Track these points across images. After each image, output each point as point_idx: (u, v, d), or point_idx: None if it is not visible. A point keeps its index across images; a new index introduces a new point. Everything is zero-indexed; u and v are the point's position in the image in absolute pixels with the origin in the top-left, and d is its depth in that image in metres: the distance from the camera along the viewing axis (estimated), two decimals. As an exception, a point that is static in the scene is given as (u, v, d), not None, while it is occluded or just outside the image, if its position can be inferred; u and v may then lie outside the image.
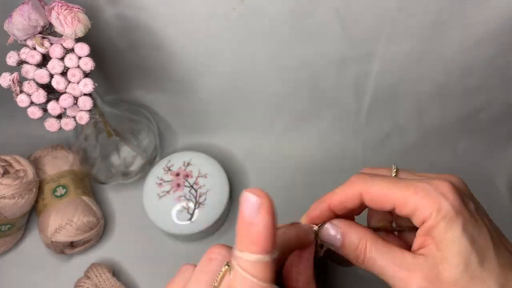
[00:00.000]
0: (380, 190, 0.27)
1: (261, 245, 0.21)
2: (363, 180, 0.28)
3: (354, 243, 0.28)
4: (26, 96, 0.39)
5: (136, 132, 0.57)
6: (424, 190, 0.25)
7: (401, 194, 0.26)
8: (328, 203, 0.29)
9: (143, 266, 0.55)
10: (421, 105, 0.57)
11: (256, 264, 0.21)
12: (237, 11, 0.43)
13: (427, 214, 0.25)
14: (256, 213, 0.21)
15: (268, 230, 0.21)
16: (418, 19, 0.44)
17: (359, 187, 0.28)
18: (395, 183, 0.27)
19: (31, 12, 0.37)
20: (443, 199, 0.25)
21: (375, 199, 0.27)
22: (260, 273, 0.20)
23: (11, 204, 0.49)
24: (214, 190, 0.54)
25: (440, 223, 0.24)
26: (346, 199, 0.28)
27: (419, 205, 0.25)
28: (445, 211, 0.24)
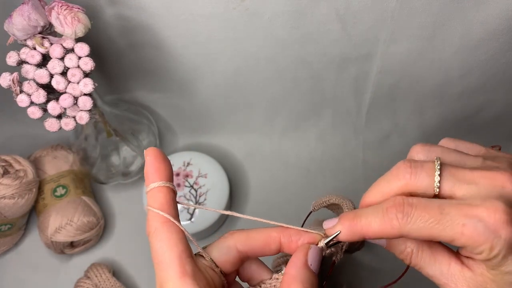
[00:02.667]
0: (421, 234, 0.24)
1: (149, 177, 0.26)
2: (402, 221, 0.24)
3: (399, 248, 0.27)
4: (26, 96, 0.39)
5: (136, 132, 0.57)
6: (472, 230, 0.23)
7: (446, 234, 0.23)
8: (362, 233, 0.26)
9: (143, 266, 0.55)
10: (421, 105, 0.57)
11: (150, 192, 0.26)
12: (237, 11, 0.43)
13: (478, 251, 0.23)
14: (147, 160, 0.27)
15: (149, 166, 0.27)
16: (418, 19, 0.44)
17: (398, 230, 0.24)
18: (438, 222, 0.23)
19: (31, 12, 0.37)
20: (496, 238, 0.22)
21: (418, 238, 0.25)
22: (152, 202, 0.26)
23: (11, 204, 0.49)
24: (214, 190, 0.54)
25: (493, 260, 0.23)
26: (385, 236, 0.25)
27: (468, 245, 0.23)
28: (497, 251, 0.23)
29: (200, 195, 0.53)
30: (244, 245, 0.27)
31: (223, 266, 0.27)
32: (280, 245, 0.28)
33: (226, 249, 0.27)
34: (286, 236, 0.28)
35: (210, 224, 0.52)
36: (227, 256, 0.27)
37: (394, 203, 0.25)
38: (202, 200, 0.53)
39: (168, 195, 0.26)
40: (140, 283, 0.54)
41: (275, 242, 0.28)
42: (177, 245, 0.25)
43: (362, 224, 0.26)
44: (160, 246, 0.25)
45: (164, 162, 0.27)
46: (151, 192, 0.26)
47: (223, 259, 0.27)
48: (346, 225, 0.26)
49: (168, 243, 0.25)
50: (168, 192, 0.26)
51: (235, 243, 0.27)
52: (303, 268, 0.26)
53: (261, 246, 0.28)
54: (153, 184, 0.26)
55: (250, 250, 0.28)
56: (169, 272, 0.24)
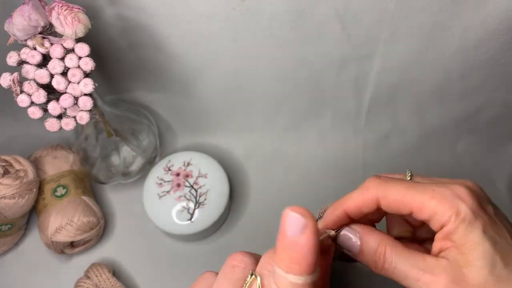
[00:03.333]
0: (396, 194, 0.26)
1: (304, 266, 0.21)
2: (379, 184, 0.27)
3: (372, 247, 0.27)
4: (27, 96, 0.39)
5: (136, 132, 0.57)
6: (441, 194, 0.25)
7: (418, 198, 0.25)
8: (344, 208, 0.28)
9: (143, 266, 0.55)
10: (421, 105, 0.57)
11: (294, 285, 0.21)
12: (237, 11, 0.43)
13: (445, 218, 0.25)
14: (301, 233, 0.21)
15: (312, 252, 0.21)
16: (418, 19, 0.44)
17: (375, 191, 0.27)
18: (412, 187, 0.26)
19: (32, 12, 0.37)
20: (461, 203, 0.25)
21: (392, 204, 0.27)
22: None
23: (12, 204, 0.49)
24: (214, 190, 0.54)
25: (460, 226, 0.24)
26: (363, 203, 0.28)
27: (437, 209, 0.25)
28: (463, 214, 0.24)
29: (200, 195, 0.53)
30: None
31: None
32: None
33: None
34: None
35: (210, 224, 0.52)
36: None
37: (371, 176, 0.28)
38: (202, 200, 0.53)
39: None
40: (140, 283, 0.54)
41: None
42: None
43: (341, 202, 0.29)
44: None
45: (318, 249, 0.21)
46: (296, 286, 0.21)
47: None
48: (329, 210, 0.29)
49: None
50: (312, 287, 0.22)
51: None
52: None
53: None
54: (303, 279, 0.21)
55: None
56: None
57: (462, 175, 0.62)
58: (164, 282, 0.54)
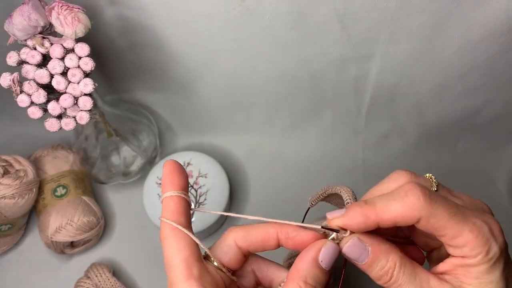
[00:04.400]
0: (440, 219, 0.24)
1: (168, 183, 0.28)
2: (426, 205, 0.24)
3: (382, 264, 0.25)
4: (26, 96, 0.39)
5: (136, 132, 0.57)
6: (479, 230, 0.24)
7: (458, 227, 0.24)
8: (378, 219, 0.25)
9: (143, 266, 0.55)
10: (421, 105, 0.57)
11: (166, 199, 0.28)
12: (237, 11, 0.43)
13: (474, 253, 0.24)
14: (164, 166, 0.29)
15: (170, 173, 0.28)
16: (418, 19, 0.44)
17: (421, 211, 0.24)
18: (455, 215, 0.24)
19: (31, 12, 0.37)
20: (494, 243, 0.24)
21: (430, 226, 0.25)
22: (164, 211, 0.28)
23: (12, 204, 0.49)
24: (214, 190, 0.54)
25: (484, 265, 0.24)
26: (402, 220, 0.25)
27: (471, 244, 0.24)
28: (492, 255, 0.24)
29: (200, 195, 0.53)
30: (243, 241, 0.28)
31: (229, 265, 0.28)
32: (278, 240, 0.28)
33: (227, 247, 0.28)
34: (284, 233, 0.28)
35: (210, 224, 0.52)
36: (230, 254, 0.28)
37: (414, 186, 0.25)
38: (202, 200, 0.53)
39: (179, 203, 0.28)
40: (140, 283, 0.54)
41: (273, 238, 0.28)
42: (184, 249, 0.26)
43: (377, 209, 0.25)
44: (169, 251, 0.27)
45: (179, 174, 0.29)
46: (164, 201, 0.28)
47: (226, 257, 0.28)
48: (358, 212, 0.25)
49: (176, 248, 0.27)
50: (180, 201, 0.28)
51: (235, 240, 0.28)
52: (310, 263, 0.26)
53: (260, 241, 0.28)
54: (166, 194, 0.28)
55: (249, 245, 0.28)
56: (176, 274, 0.26)
57: (462, 175, 0.63)
58: (164, 282, 0.53)
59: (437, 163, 0.62)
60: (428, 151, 0.62)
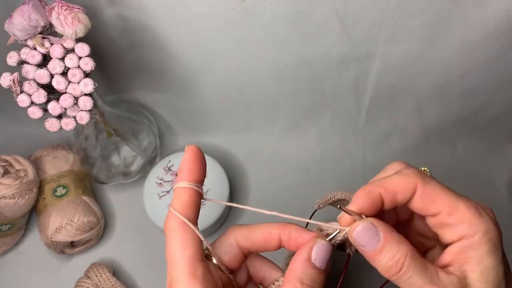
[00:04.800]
0: (435, 189, 0.25)
1: (186, 173, 0.27)
2: (420, 174, 0.26)
3: (393, 252, 0.24)
4: (27, 96, 0.39)
5: (137, 132, 0.57)
6: (476, 208, 0.24)
7: (454, 202, 0.25)
8: (382, 191, 0.25)
9: (143, 266, 0.55)
10: (421, 105, 0.57)
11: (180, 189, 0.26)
12: (237, 11, 0.43)
13: (472, 231, 0.24)
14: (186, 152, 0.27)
15: (191, 163, 0.27)
16: (418, 19, 0.44)
17: (417, 179, 0.25)
18: (448, 191, 0.25)
19: (32, 12, 0.37)
20: (492, 224, 0.24)
21: (426, 198, 0.25)
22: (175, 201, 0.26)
23: (12, 204, 0.49)
24: (214, 190, 0.54)
25: (484, 246, 0.24)
26: (401, 189, 0.25)
27: (468, 220, 0.24)
28: (491, 235, 0.24)
29: (200, 195, 0.53)
30: (245, 240, 0.28)
31: (229, 264, 0.28)
32: (280, 241, 0.28)
33: (228, 246, 0.28)
34: (286, 234, 0.28)
35: (211, 223, 0.52)
36: (231, 253, 0.28)
37: (408, 166, 0.27)
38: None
39: (192, 197, 0.27)
40: (140, 283, 0.54)
41: (275, 239, 0.28)
42: (190, 247, 0.26)
43: (377, 183, 0.26)
44: (174, 246, 0.26)
45: (200, 164, 0.27)
46: (177, 191, 0.27)
47: (227, 257, 0.28)
48: (362, 192, 0.26)
49: (182, 244, 0.25)
50: (193, 194, 0.27)
51: (236, 239, 0.28)
52: (304, 263, 0.26)
53: (261, 242, 0.28)
54: (181, 183, 0.27)
55: (251, 245, 0.28)
56: (179, 273, 0.25)
57: (462, 175, 0.63)
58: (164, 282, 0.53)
59: (437, 163, 0.62)
60: (428, 151, 0.62)
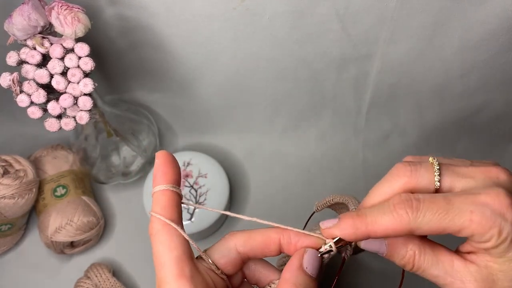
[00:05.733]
0: (431, 226, 0.24)
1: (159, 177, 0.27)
2: (414, 217, 0.24)
3: (401, 253, 0.26)
4: (26, 96, 0.39)
5: (136, 132, 0.57)
6: (480, 216, 0.23)
7: (455, 224, 0.24)
8: (368, 232, 0.25)
9: (143, 266, 0.55)
10: (421, 105, 0.57)
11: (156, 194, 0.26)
12: (237, 11, 0.43)
13: (486, 238, 0.24)
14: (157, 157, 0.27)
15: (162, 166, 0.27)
16: (418, 19, 0.44)
17: (410, 224, 0.24)
18: (447, 212, 0.24)
19: (31, 12, 0.37)
20: (503, 221, 0.23)
21: (428, 233, 0.25)
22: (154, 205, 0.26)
23: (11, 204, 0.49)
24: (214, 190, 0.54)
25: (501, 246, 0.23)
26: (393, 232, 0.25)
27: (477, 232, 0.24)
28: (505, 234, 0.23)
29: (200, 195, 0.53)
30: (244, 246, 0.28)
31: (224, 268, 0.27)
32: (280, 246, 0.28)
33: (226, 250, 0.28)
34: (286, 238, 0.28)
35: (210, 224, 0.52)
36: (228, 257, 0.27)
37: (402, 199, 0.25)
38: (202, 200, 0.53)
39: (171, 198, 0.27)
40: (140, 283, 0.54)
41: (275, 244, 0.28)
42: (176, 247, 0.25)
43: (367, 222, 0.25)
44: (160, 248, 0.25)
45: (172, 166, 0.27)
46: (155, 195, 0.27)
47: (224, 260, 0.27)
48: (349, 223, 0.25)
49: (167, 245, 0.25)
50: (172, 195, 0.27)
51: (235, 244, 0.28)
52: (296, 271, 0.26)
53: (261, 247, 0.28)
54: (157, 187, 0.27)
55: (250, 251, 0.28)
56: (167, 273, 0.25)
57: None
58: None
59: (437, 163, 0.62)
60: (428, 151, 0.62)
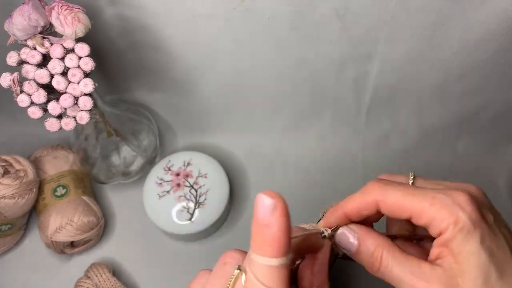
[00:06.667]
0: (396, 199, 0.26)
1: (275, 247, 0.21)
2: (379, 188, 0.27)
3: (369, 249, 0.27)
4: (27, 96, 0.39)
5: (137, 132, 0.57)
6: (441, 202, 0.25)
7: (417, 204, 0.26)
8: (344, 211, 0.29)
9: (143, 266, 0.55)
10: (421, 105, 0.57)
11: (269, 268, 0.21)
12: (237, 11, 0.44)
13: (444, 226, 0.25)
14: (271, 215, 0.20)
15: (282, 232, 0.20)
16: (418, 19, 0.44)
17: (375, 195, 0.27)
18: (412, 193, 0.26)
19: (32, 12, 0.37)
20: (461, 211, 0.25)
21: (391, 209, 0.27)
22: (272, 279, 0.21)
23: (12, 204, 0.49)
24: (214, 190, 0.54)
25: (458, 235, 0.24)
26: (362, 207, 0.28)
27: (436, 217, 0.25)
28: (462, 224, 0.24)
29: (200, 195, 0.53)
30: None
31: None
32: None
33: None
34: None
35: (210, 224, 0.52)
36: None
37: (371, 180, 0.28)
38: (202, 200, 0.53)
39: (288, 275, 0.22)
40: (140, 282, 0.54)
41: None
42: None
43: (342, 203, 0.29)
44: None
45: (290, 229, 0.21)
46: (271, 269, 0.21)
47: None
48: (330, 211, 0.29)
49: None
50: (286, 273, 0.21)
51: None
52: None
53: None
54: (272, 261, 0.21)
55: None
56: None
57: (462, 175, 0.63)
58: (164, 282, 0.54)
59: (437, 163, 0.62)
60: (428, 151, 0.62)
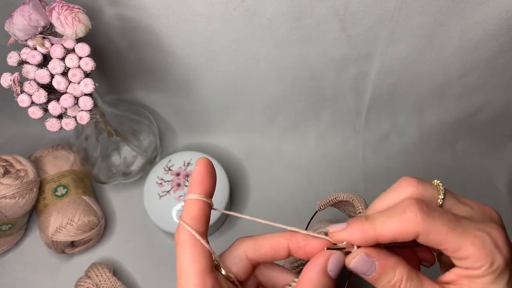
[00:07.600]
0: (439, 234, 0.25)
1: (197, 185, 0.28)
2: (423, 222, 0.25)
3: (389, 277, 0.26)
4: (27, 96, 0.39)
5: (137, 132, 0.58)
6: (482, 242, 0.24)
7: (459, 241, 0.25)
8: (377, 236, 0.25)
9: (143, 265, 0.55)
10: (420, 105, 0.57)
11: (190, 202, 0.27)
12: (237, 12, 0.44)
13: (478, 265, 0.24)
14: (197, 165, 0.28)
15: (200, 174, 0.28)
16: (418, 19, 0.44)
17: (418, 227, 0.25)
18: (455, 228, 0.25)
19: (32, 12, 0.37)
20: (498, 254, 0.24)
21: (430, 241, 0.25)
22: (191, 207, 0.27)
23: (12, 203, 0.49)
24: (214, 190, 0.54)
25: (489, 276, 0.24)
26: (401, 236, 0.25)
27: (473, 256, 0.24)
28: (496, 267, 0.24)
29: (200, 195, 0.53)
30: (253, 252, 0.28)
31: (237, 275, 0.28)
32: (289, 250, 0.28)
33: (237, 259, 0.28)
34: (294, 243, 0.28)
35: (210, 224, 0.52)
36: (240, 266, 0.28)
37: (412, 202, 0.25)
38: (202, 200, 0.53)
39: (202, 209, 0.27)
40: (140, 282, 0.54)
41: (284, 249, 0.28)
42: (200, 260, 0.26)
43: (376, 226, 0.25)
44: (184, 259, 0.26)
45: (210, 176, 0.28)
46: (187, 203, 0.28)
47: (236, 269, 0.28)
48: (358, 228, 0.26)
49: (192, 257, 0.26)
50: (203, 207, 0.28)
51: (245, 252, 0.28)
52: (320, 273, 0.26)
53: (270, 252, 0.28)
54: (191, 195, 0.28)
55: (259, 257, 0.28)
56: (189, 284, 0.26)
57: (462, 175, 0.63)
58: (164, 282, 0.54)
59: (437, 163, 0.62)
60: (428, 151, 0.62)
